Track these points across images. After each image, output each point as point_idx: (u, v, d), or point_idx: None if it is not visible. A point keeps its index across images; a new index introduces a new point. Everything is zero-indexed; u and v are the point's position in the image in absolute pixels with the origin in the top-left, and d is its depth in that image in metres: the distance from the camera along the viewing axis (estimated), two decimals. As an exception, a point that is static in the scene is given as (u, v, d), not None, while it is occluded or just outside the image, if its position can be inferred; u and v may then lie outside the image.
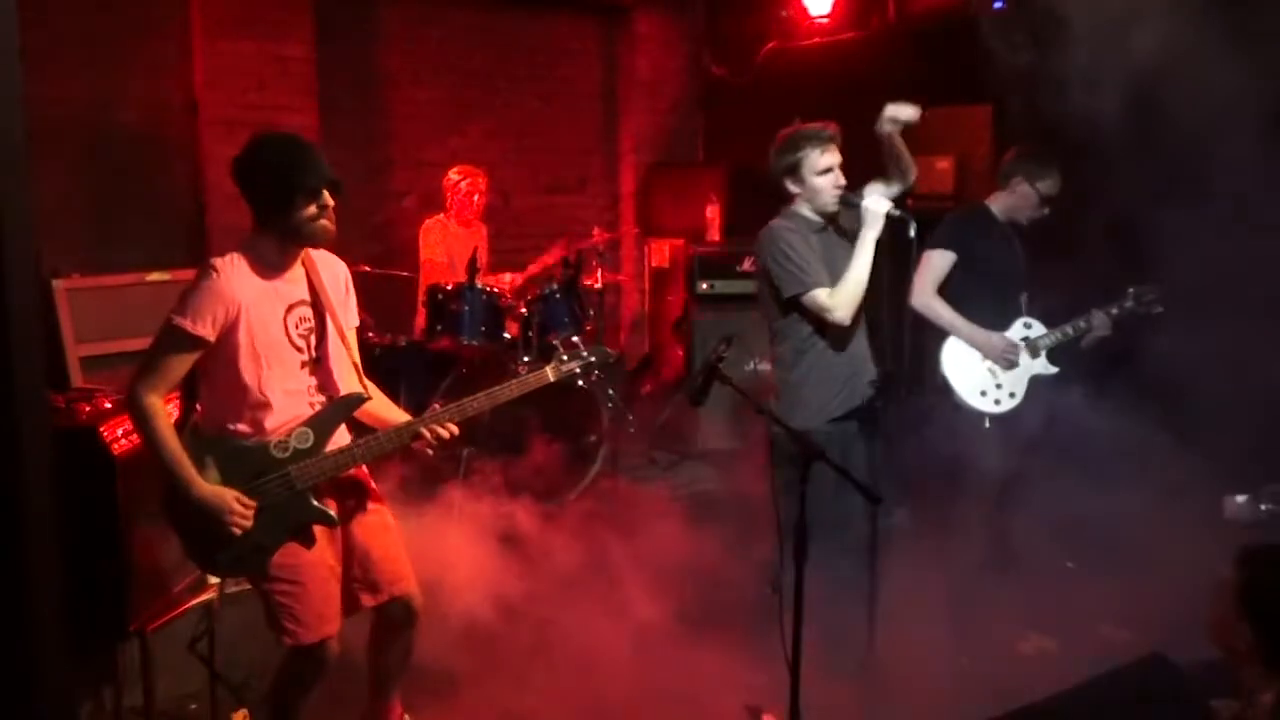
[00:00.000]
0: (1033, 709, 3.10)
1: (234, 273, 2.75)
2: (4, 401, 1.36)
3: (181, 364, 2.73)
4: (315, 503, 2.87)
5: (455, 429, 2.97)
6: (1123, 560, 4.20)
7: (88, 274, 4.79)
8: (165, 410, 2.74)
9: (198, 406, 2.91)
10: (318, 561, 2.89)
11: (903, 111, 3.51)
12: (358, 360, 3.00)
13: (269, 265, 2.81)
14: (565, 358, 3.22)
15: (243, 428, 2.81)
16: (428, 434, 2.93)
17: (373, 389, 3.02)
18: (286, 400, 2.84)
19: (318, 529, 2.90)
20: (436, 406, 3.01)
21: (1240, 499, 3.13)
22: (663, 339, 7.14)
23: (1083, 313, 4.05)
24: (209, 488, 2.74)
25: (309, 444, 2.85)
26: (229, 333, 2.73)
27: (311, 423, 2.87)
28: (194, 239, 5.71)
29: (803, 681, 2.98)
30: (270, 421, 2.82)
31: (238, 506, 2.74)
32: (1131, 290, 4.04)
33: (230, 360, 2.76)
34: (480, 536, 4.45)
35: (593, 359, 3.26)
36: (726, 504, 4.65)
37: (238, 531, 2.75)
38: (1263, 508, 3.09)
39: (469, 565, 4.08)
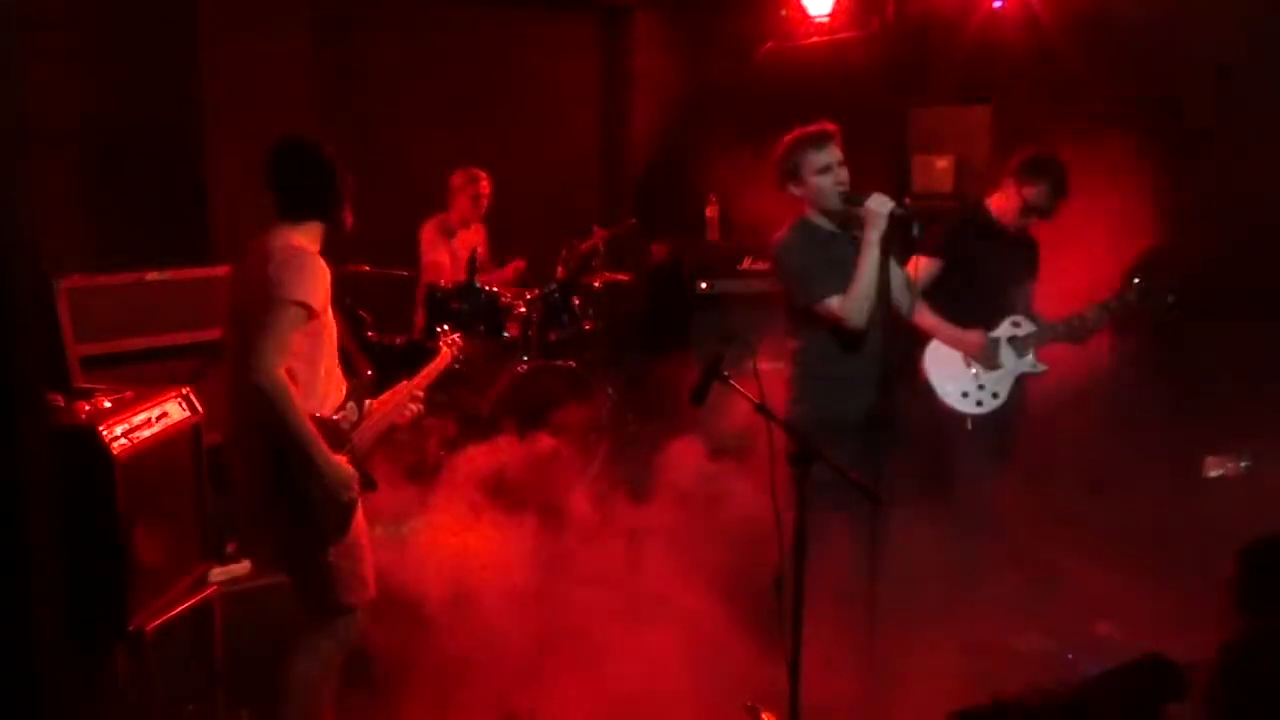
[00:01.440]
0: (1033, 709, 3.10)
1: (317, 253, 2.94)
2: (3, 401, 1.36)
3: (295, 342, 2.84)
4: (365, 470, 3.08)
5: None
6: (1122, 559, 4.21)
7: (88, 273, 4.78)
8: None
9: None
10: (364, 526, 3.10)
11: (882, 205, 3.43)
12: None
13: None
14: (448, 343, 3.70)
15: (314, 402, 2.92)
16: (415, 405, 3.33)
17: None
18: (337, 377, 3.04)
19: None
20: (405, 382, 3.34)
21: (1221, 458, 3.20)
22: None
23: (1078, 310, 3.95)
24: (338, 459, 2.89)
25: (357, 417, 3.07)
26: (323, 310, 2.90)
27: (352, 397, 3.08)
28: (196, 238, 5.70)
29: (803, 681, 2.98)
30: (332, 396, 3.00)
31: (357, 474, 2.95)
32: (1136, 282, 3.85)
33: (317, 337, 2.90)
34: (480, 535, 4.45)
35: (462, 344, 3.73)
36: (727, 503, 4.64)
37: (358, 498, 2.94)
38: (1242, 464, 3.14)
39: (468, 563, 4.08)
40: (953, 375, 4.04)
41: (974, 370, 4.01)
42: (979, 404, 4.01)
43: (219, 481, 3.33)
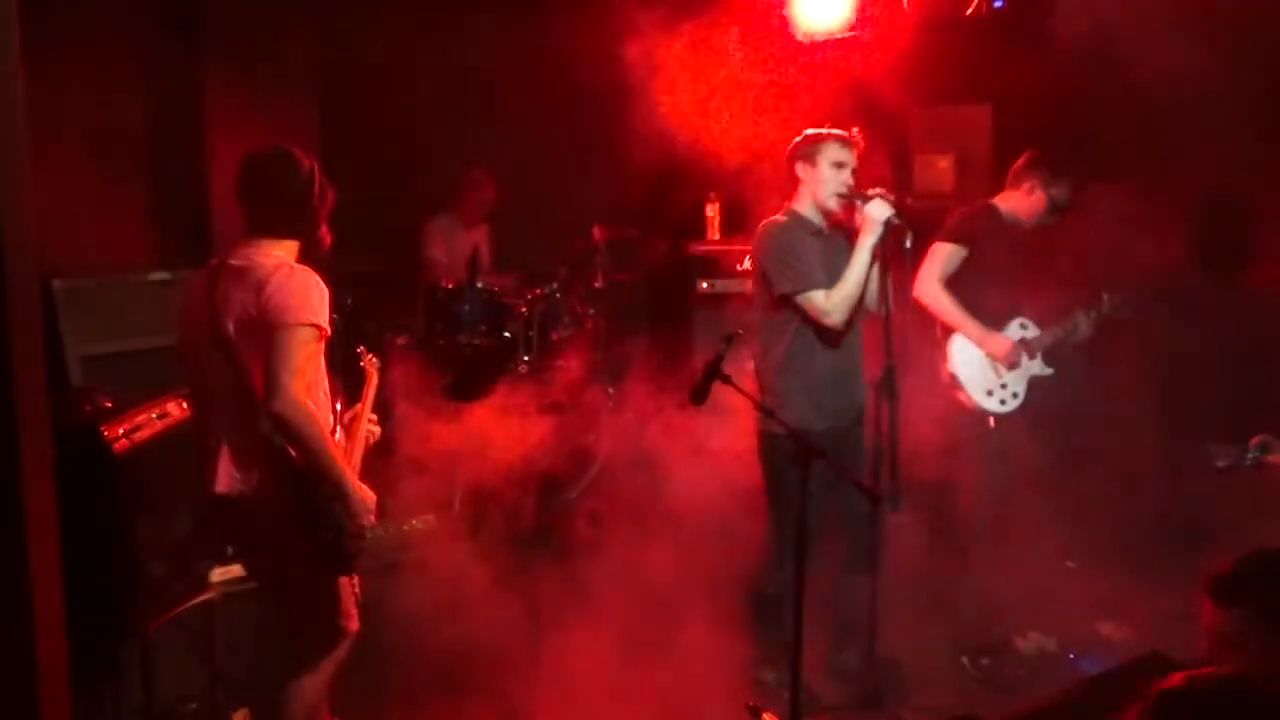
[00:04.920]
0: (1033, 709, 3.10)
1: None
2: (5, 401, 1.36)
3: (315, 362, 2.80)
4: None
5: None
6: (1123, 558, 4.21)
7: (88, 274, 4.78)
8: None
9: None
10: None
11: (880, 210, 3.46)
12: None
13: None
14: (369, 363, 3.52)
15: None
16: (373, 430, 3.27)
17: None
18: (327, 401, 2.96)
19: None
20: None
21: (1227, 448, 3.20)
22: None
23: (1068, 315, 4.06)
24: (361, 485, 2.87)
25: (343, 440, 3.03)
26: (328, 329, 2.84)
27: (341, 421, 3.03)
28: (196, 239, 5.70)
29: (803, 680, 2.98)
30: (330, 418, 2.94)
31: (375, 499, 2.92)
32: (1106, 296, 4.04)
33: (318, 357, 2.84)
34: (480, 535, 4.45)
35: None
36: (727, 502, 4.64)
37: (374, 523, 2.90)
38: (1248, 456, 3.14)
39: (468, 566, 4.09)
40: (979, 371, 4.03)
41: (995, 367, 4.02)
42: (1002, 403, 4.02)
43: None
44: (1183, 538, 4.09)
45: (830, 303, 3.49)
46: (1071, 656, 3.94)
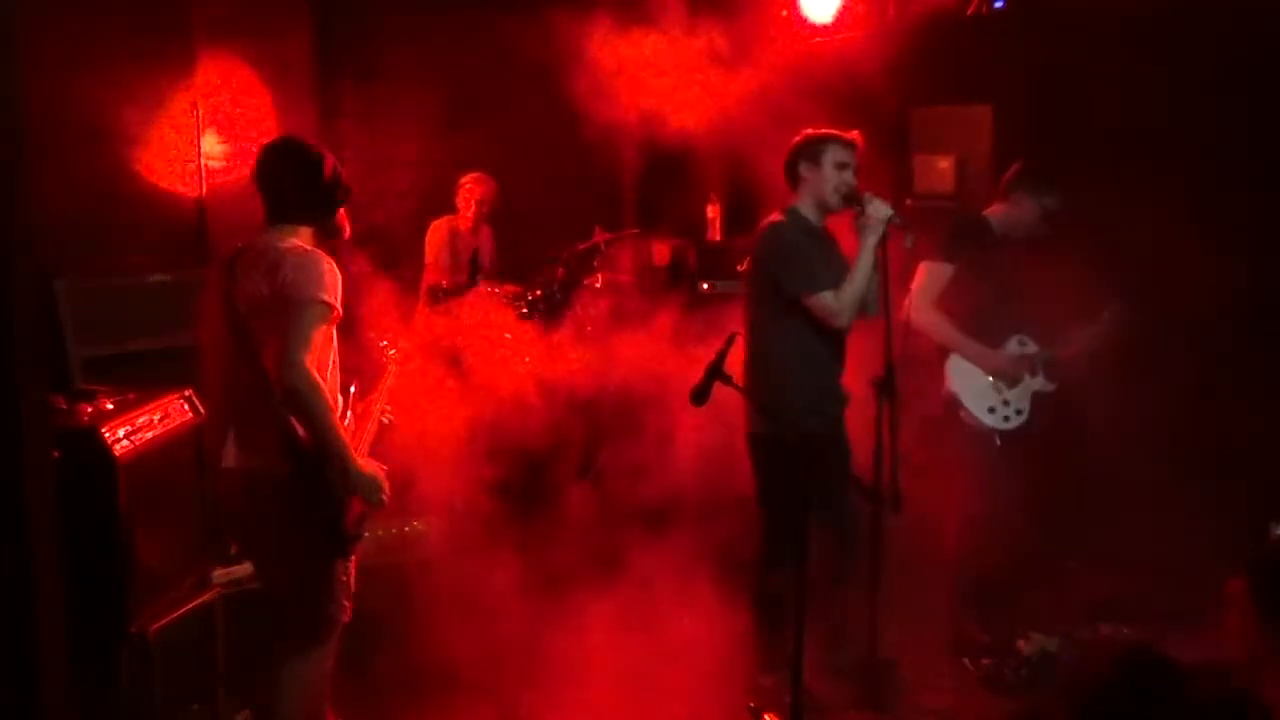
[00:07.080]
0: (1033, 709, 3.11)
1: None
2: (5, 402, 1.36)
3: (326, 342, 2.84)
4: None
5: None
6: (1123, 559, 4.21)
7: (88, 275, 4.78)
8: None
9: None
10: None
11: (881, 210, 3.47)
12: None
13: None
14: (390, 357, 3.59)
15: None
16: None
17: None
18: (335, 385, 2.98)
19: None
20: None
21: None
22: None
23: (1067, 330, 4.03)
24: (369, 462, 2.88)
25: (352, 424, 3.05)
26: (340, 310, 2.88)
27: (350, 404, 3.06)
28: (195, 239, 5.70)
29: (804, 681, 2.98)
30: (338, 399, 2.96)
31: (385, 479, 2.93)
32: (1105, 314, 4.01)
33: (328, 340, 2.88)
34: (480, 537, 4.46)
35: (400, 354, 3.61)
36: (726, 503, 4.64)
37: (385, 501, 2.91)
38: None
39: (467, 566, 4.09)
40: (978, 389, 3.97)
41: (996, 385, 3.98)
42: (1005, 419, 3.96)
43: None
44: (1189, 540, 4.08)
45: (840, 303, 3.50)
46: (1068, 659, 3.93)
